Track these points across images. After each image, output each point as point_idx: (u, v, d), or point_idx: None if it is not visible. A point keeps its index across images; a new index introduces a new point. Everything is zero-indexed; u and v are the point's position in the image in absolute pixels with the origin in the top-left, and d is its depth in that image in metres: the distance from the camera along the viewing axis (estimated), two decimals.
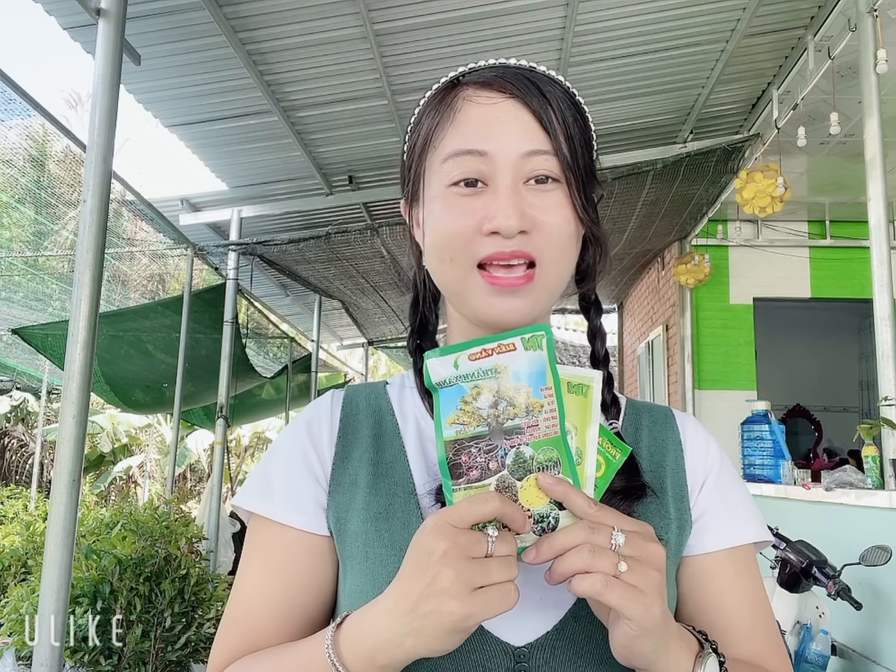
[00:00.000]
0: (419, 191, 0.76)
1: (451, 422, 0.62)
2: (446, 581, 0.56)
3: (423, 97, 0.77)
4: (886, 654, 2.64)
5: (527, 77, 0.71)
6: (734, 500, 0.78)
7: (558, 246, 0.70)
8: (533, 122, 0.70)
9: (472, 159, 0.70)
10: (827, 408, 8.10)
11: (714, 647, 0.65)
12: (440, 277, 0.75)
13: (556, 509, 0.61)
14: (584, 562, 0.57)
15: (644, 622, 0.57)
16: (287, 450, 0.78)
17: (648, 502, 0.73)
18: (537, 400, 0.62)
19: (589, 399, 0.66)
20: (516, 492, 0.61)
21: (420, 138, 0.75)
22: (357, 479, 0.74)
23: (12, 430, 14.28)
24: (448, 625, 0.56)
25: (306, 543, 0.73)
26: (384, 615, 0.60)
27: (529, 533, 0.61)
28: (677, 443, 0.80)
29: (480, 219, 0.69)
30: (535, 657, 0.67)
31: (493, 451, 0.62)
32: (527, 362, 0.63)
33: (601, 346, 0.80)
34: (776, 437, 4.01)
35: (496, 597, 0.56)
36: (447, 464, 0.62)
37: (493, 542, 0.57)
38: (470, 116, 0.71)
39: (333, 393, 0.82)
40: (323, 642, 0.62)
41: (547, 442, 0.62)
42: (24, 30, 55.00)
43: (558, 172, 0.70)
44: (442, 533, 0.57)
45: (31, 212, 5.61)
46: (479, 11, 3.87)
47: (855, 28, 3.58)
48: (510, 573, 0.57)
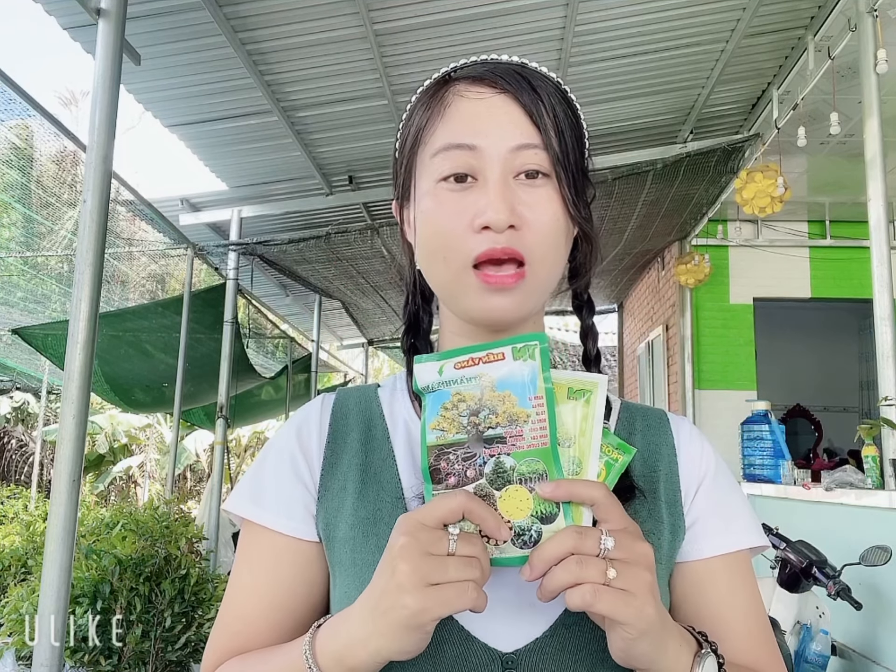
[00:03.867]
0: (410, 187, 0.76)
1: (433, 427, 0.62)
2: (402, 575, 0.56)
3: (415, 94, 0.77)
4: (886, 654, 2.64)
5: (517, 72, 0.71)
6: (729, 505, 0.77)
7: (548, 243, 0.70)
8: (523, 117, 0.70)
9: (462, 154, 0.69)
10: (827, 408, 8.10)
11: (714, 647, 0.65)
12: (433, 277, 0.74)
13: (538, 523, 0.60)
14: (573, 574, 0.56)
15: (639, 625, 0.57)
16: (277, 455, 0.78)
17: (640, 506, 0.73)
18: (523, 409, 0.61)
19: (591, 405, 0.64)
20: (494, 501, 0.60)
21: (410, 135, 0.75)
22: (346, 485, 0.74)
23: (12, 430, 14.28)
24: (403, 620, 0.56)
25: (296, 549, 0.74)
26: (353, 614, 0.60)
27: (509, 545, 0.60)
28: (671, 447, 0.78)
29: (471, 215, 0.68)
30: (524, 663, 0.66)
31: (472, 459, 0.61)
32: (515, 371, 0.62)
33: (593, 345, 0.79)
34: (776, 437, 4.01)
35: (452, 594, 0.55)
36: (428, 469, 0.62)
37: (454, 541, 0.57)
38: (460, 111, 0.71)
39: (324, 397, 0.82)
40: (303, 643, 0.63)
41: (532, 453, 0.61)
42: (20, 29, 55.05)
43: (548, 167, 0.70)
44: (405, 528, 0.58)
45: (31, 212, 5.61)
46: (479, 11, 3.87)
47: (855, 28, 3.58)
48: (470, 573, 0.56)
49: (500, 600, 0.66)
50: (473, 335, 0.76)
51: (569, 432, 0.63)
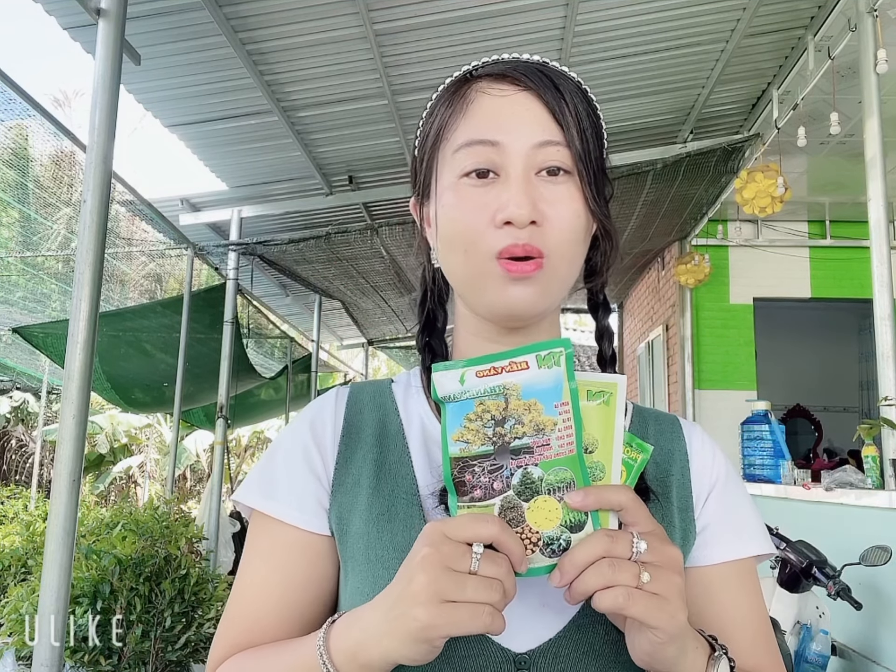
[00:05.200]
0: (430, 183, 0.75)
1: (455, 438, 0.60)
2: (418, 586, 0.55)
3: (436, 91, 0.77)
4: (886, 654, 2.64)
5: (540, 70, 0.72)
6: (739, 512, 0.78)
7: (569, 239, 0.70)
8: (546, 114, 0.70)
9: (485, 149, 0.69)
10: (827, 408, 8.10)
11: (725, 650, 0.65)
12: (454, 270, 0.73)
13: (567, 532, 0.59)
14: (606, 578, 0.56)
15: (670, 629, 0.57)
16: (290, 447, 0.77)
17: (653, 510, 0.72)
18: (550, 417, 0.60)
19: (612, 407, 0.63)
20: (522, 513, 0.59)
21: (432, 131, 0.75)
22: (360, 480, 0.74)
23: (12, 430, 14.28)
24: (412, 632, 0.55)
25: (307, 542, 0.73)
26: (368, 613, 0.60)
27: (538, 554, 0.59)
28: (683, 453, 0.79)
29: (493, 211, 0.68)
30: (537, 664, 0.66)
31: (498, 471, 0.59)
32: (540, 378, 0.60)
33: (608, 346, 0.79)
34: (776, 437, 4.01)
35: (466, 615, 0.54)
36: (452, 480, 0.60)
37: (477, 560, 0.55)
38: (483, 107, 0.71)
39: (338, 390, 0.81)
40: (317, 638, 0.63)
41: (560, 462, 0.59)
42: (20, 29, 55.03)
43: (570, 164, 0.70)
44: (430, 539, 0.57)
45: (30, 211, 5.61)
46: (479, 11, 3.87)
47: (855, 28, 3.58)
48: (488, 596, 0.55)
49: (513, 601, 0.65)
50: (490, 334, 0.76)
51: (590, 435, 0.62)
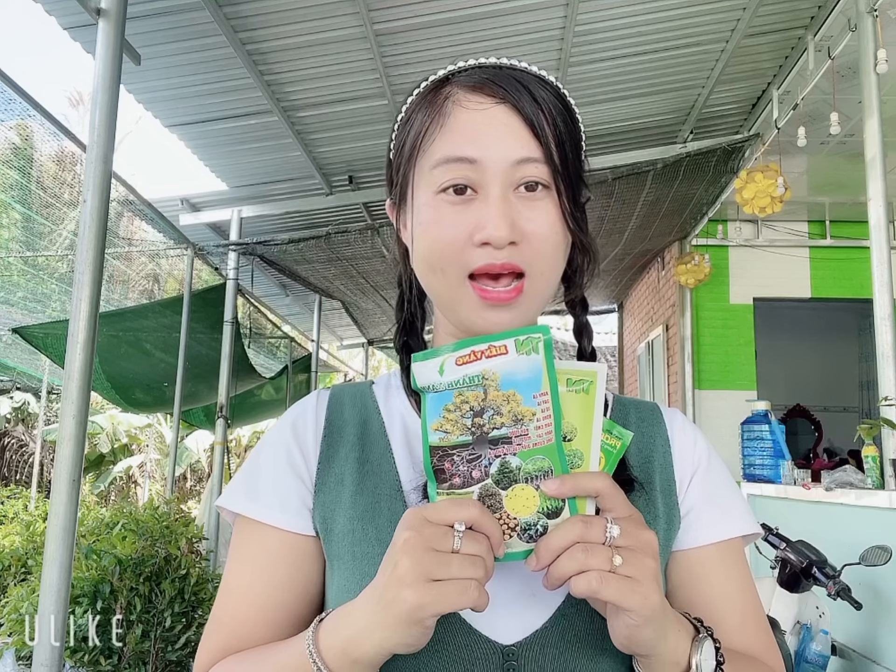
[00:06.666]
0: (407, 194, 0.75)
1: (434, 428, 0.61)
2: (403, 569, 0.56)
3: (411, 94, 0.76)
4: (886, 654, 2.64)
5: (518, 80, 0.70)
6: (722, 494, 0.79)
7: (548, 255, 0.70)
8: (524, 129, 0.69)
9: (462, 166, 0.69)
10: (827, 408, 8.11)
11: (710, 632, 0.66)
12: (430, 287, 0.74)
13: (544, 518, 0.60)
14: (579, 562, 0.57)
15: (644, 612, 0.58)
16: (272, 450, 0.78)
17: (637, 497, 0.74)
18: (528, 408, 0.60)
19: (591, 396, 0.64)
20: (501, 500, 0.60)
21: (409, 139, 0.74)
22: (343, 479, 0.74)
23: (12, 430, 14.28)
24: (403, 614, 0.56)
25: (291, 544, 0.74)
26: (356, 608, 0.61)
27: (515, 539, 0.60)
28: (665, 438, 0.80)
29: (471, 229, 0.68)
30: (525, 655, 0.67)
31: (477, 461, 0.60)
32: (519, 367, 0.61)
33: (588, 343, 0.79)
34: (776, 437, 4.01)
35: (453, 590, 0.55)
36: (432, 468, 0.61)
37: (459, 538, 0.57)
38: (460, 122, 0.70)
39: (319, 392, 0.82)
40: (306, 638, 0.63)
41: (538, 451, 0.60)
42: (20, 29, 55.06)
43: (548, 179, 0.70)
44: (410, 523, 0.58)
45: (31, 212, 5.61)
46: (479, 11, 3.87)
47: (855, 28, 3.58)
48: (473, 571, 0.56)
49: (500, 592, 0.66)
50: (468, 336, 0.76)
51: (569, 423, 0.63)
